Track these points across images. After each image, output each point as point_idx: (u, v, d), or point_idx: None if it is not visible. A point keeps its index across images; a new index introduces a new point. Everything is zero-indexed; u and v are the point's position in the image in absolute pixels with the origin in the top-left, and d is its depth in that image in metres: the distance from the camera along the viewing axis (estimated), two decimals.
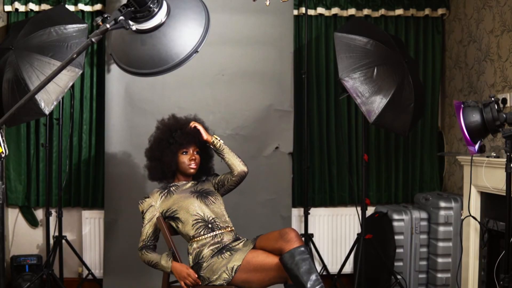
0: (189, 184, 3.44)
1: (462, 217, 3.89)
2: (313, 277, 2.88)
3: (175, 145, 3.39)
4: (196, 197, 3.31)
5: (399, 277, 4.31)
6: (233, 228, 3.36)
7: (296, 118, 4.61)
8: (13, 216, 4.58)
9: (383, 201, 4.83)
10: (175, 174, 3.48)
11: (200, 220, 3.25)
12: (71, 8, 4.48)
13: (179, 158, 3.40)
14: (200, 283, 3.17)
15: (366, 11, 4.73)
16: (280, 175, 4.51)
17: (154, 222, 3.33)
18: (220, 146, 3.42)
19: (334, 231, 4.79)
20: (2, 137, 1.93)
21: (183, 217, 3.27)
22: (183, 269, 3.19)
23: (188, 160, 3.39)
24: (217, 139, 3.42)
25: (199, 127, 3.41)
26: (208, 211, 3.29)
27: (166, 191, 3.39)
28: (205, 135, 3.40)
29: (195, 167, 3.41)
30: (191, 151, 3.41)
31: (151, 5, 2.06)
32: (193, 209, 3.27)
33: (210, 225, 3.25)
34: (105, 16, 2.00)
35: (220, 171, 3.54)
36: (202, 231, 3.23)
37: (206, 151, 3.52)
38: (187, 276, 3.16)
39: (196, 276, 3.17)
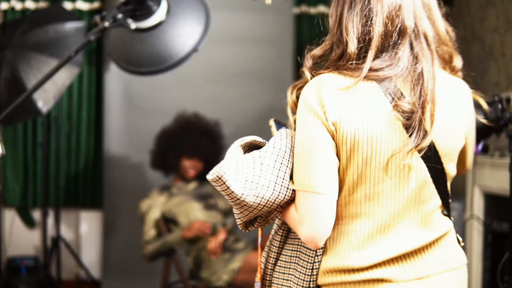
0: (192, 186, 3.42)
1: (465, 218, 3.86)
2: None
3: (181, 148, 3.37)
4: (197, 201, 3.29)
5: None
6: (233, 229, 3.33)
7: None
8: (10, 217, 4.54)
9: None
10: (176, 172, 3.48)
11: None
12: (68, 6, 4.43)
13: (181, 161, 3.38)
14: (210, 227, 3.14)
15: None
16: None
17: (154, 223, 3.31)
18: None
19: None
20: None
21: (183, 221, 3.25)
22: (191, 224, 3.15)
23: (190, 165, 3.37)
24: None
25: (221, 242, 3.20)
26: (209, 215, 3.26)
27: (167, 192, 3.36)
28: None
29: (194, 174, 3.40)
30: (195, 159, 3.39)
31: (150, 3, 2.02)
32: (193, 213, 3.24)
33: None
34: (104, 14, 1.97)
35: None
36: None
37: (214, 160, 3.49)
38: (202, 225, 3.11)
39: (209, 224, 3.12)
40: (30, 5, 4.44)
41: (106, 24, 1.92)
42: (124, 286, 4.26)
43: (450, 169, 1.37)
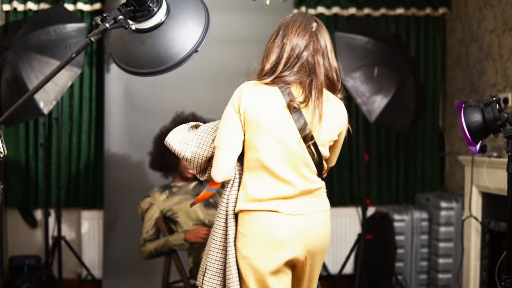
0: (192, 185, 3.43)
1: (463, 218, 3.87)
2: None
3: None
4: None
5: (399, 277, 4.29)
6: None
7: None
8: (12, 217, 4.55)
9: (384, 201, 4.81)
10: (175, 173, 3.49)
11: (200, 224, 3.23)
12: (70, 7, 4.45)
13: (180, 161, 3.39)
14: None
15: (366, 11, 4.72)
16: None
17: (154, 221, 3.32)
18: None
19: (335, 232, 4.77)
20: (0, 137, 1.92)
21: (183, 221, 3.26)
22: (197, 229, 3.15)
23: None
24: None
25: None
26: (208, 213, 3.27)
27: (167, 191, 3.38)
28: None
29: (193, 174, 3.41)
30: None
31: (150, 4, 2.04)
32: (193, 212, 3.25)
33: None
34: (104, 15, 1.99)
35: None
36: None
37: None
38: (207, 235, 3.10)
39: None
40: (32, 6, 4.46)
41: (107, 25, 1.94)
42: (124, 285, 4.28)
43: (323, 151, 2.12)
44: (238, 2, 4.41)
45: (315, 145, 2.08)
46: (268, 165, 2.05)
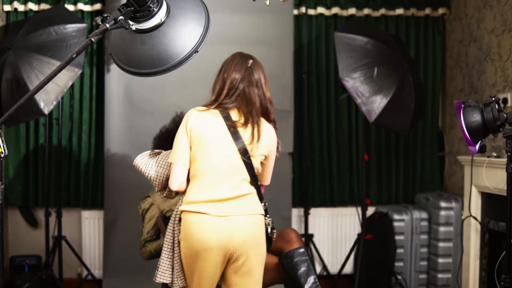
0: None
1: (463, 217, 3.88)
2: (311, 279, 2.88)
3: None
4: None
5: (399, 277, 4.30)
6: None
7: (296, 118, 4.60)
8: (12, 217, 4.56)
9: (384, 201, 4.82)
10: None
11: None
12: (70, 7, 4.46)
13: None
14: None
15: (366, 11, 4.72)
16: (280, 175, 4.49)
17: (154, 221, 3.33)
18: None
19: (335, 232, 4.78)
20: (1, 137, 1.92)
21: None
22: None
23: None
24: None
25: None
26: None
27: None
28: None
29: None
30: None
31: (150, 5, 2.05)
32: None
33: None
34: (105, 15, 2.00)
35: None
36: None
37: None
38: None
39: None
40: (33, 6, 4.47)
41: (107, 25, 1.95)
42: (125, 285, 4.28)
43: (255, 163, 2.53)
44: (238, 2, 4.41)
45: (249, 158, 2.48)
46: (204, 172, 2.45)
